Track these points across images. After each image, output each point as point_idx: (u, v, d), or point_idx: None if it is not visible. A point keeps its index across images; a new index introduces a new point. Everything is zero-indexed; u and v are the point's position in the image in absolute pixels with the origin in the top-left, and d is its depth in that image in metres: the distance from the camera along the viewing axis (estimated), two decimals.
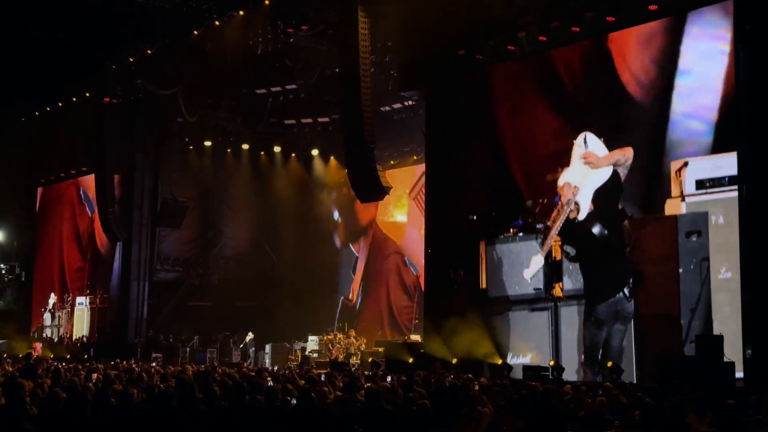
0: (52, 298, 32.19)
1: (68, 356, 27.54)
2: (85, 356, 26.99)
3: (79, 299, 31.35)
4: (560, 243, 17.90)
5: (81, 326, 30.87)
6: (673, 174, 16.54)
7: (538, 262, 17.81)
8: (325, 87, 25.26)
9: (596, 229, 17.23)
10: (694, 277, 15.52)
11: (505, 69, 20.11)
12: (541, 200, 18.24)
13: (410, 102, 25.33)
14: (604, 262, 17.20)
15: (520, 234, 18.59)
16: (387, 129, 25.80)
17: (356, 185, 20.68)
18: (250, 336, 27.60)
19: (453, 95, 20.54)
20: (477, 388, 11.67)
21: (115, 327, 29.25)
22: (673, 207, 16.51)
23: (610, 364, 15.59)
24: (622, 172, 17.14)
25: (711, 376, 12.86)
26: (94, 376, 13.45)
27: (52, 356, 27.39)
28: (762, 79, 14.24)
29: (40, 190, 35.16)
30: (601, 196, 17.37)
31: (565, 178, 17.64)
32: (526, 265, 18.27)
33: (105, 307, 30.18)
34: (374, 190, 20.27)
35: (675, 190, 16.52)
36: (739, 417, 8.62)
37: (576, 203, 17.29)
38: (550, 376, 15.87)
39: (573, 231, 17.56)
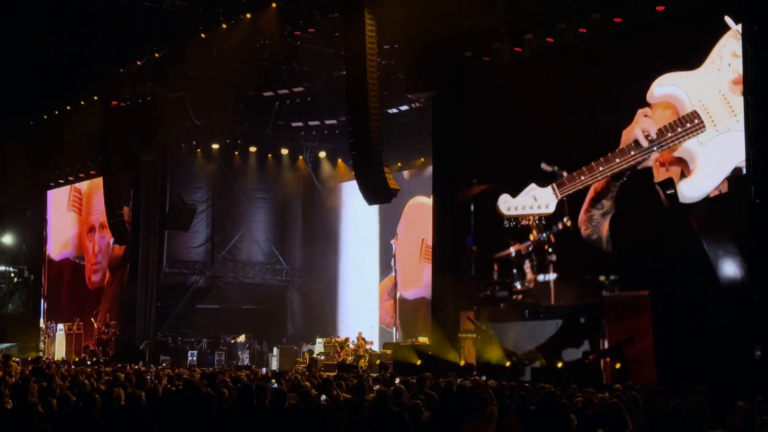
0: (42, 325, 32.48)
1: (76, 359, 27.60)
2: (94, 359, 27.04)
3: (59, 326, 31.79)
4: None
5: (61, 349, 31.03)
6: None
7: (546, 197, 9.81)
8: (332, 89, 25.28)
9: (712, 252, 8.93)
10: None
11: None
12: (525, 221, 11.88)
13: (417, 104, 25.32)
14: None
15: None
16: (394, 131, 25.81)
17: (364, 187, 20.67)
18: (241, 338, 27.72)
19: (460, 97, 20.55)
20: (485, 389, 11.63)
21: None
22: None
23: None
24: None
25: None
26: (106, 379, 13.48)
27: (61, 359, 27.47)
28: None
29: (48, 193, 35.26)
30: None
31: (670, 85, 9.28)
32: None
33: (80, 333, 30.69)
34: (382, 193, 20.26)
35: None
36: (748, 418, 8.59)
37: (682, 159, 8.61)
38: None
39: (663, 215, 9.58)
